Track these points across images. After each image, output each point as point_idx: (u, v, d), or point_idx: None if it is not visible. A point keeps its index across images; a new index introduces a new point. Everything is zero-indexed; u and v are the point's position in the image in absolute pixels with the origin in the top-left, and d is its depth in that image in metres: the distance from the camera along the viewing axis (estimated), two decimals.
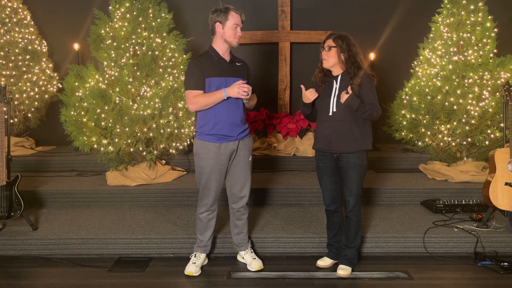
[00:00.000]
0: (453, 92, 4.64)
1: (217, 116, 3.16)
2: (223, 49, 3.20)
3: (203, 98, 3.13)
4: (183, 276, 3.30)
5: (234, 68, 3.23)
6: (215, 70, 3.16)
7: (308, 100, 3.22)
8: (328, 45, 3.18)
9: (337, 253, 3.42)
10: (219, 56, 3.19)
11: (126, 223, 3.96)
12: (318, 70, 3.30)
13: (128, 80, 4.56)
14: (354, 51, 3.15)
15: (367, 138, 3.21)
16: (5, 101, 3.78)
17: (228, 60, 3.22)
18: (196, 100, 3.13)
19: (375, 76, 3.22)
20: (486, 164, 4.76)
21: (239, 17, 3.15)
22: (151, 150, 4.80)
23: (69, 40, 6.07)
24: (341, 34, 3.20)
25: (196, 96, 3.14)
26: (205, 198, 3.30)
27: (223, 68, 3.18)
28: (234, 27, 3.13)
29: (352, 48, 3.15)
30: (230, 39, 3.15)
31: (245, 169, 3.32)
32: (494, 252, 3.57)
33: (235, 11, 3.15)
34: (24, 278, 3.31)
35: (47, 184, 4.67)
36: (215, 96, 3.12)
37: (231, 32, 3.13)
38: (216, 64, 3.18)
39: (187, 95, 3.17)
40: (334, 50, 3.16)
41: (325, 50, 3.19)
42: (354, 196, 3.22)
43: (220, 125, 3.17)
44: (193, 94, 3.15)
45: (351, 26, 5.57)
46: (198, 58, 3.22)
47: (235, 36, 3.15)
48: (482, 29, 4.72)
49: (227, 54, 3.23)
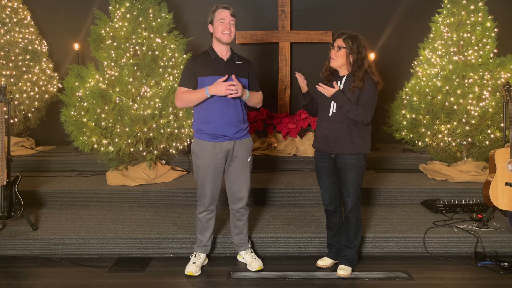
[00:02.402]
0: (453, 92, 4.64)
1: (211, 116, 3.16)
2: (219, 48, 3.20)
3: (187, 94, 3.17)
4: (183, 276, 3.30)
5: (232, 66, 3.21)
6: (210, 69, 3.16)
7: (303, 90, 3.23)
8: (338, 45, 3.12)
9: (337, 253, 3.42)
10: (216, 55, 3.20)
11: (126, 223, 3.96)
12: (325, 68, 3.26)
13: (128, 80, 4.56)
14: (363, 54, 3.10)
15: (365, 142, 3.18)
16: (5, 101, 3.78)
17: (226, 58, 3.21)
18: (182, 96, 3.18)
19: (380, 82, 3.16)
20: (486, 164, 4.76)
21: (226, 12, 3.14)
22: (151, 150, 4.80)
23: (69, 40, 6.07)
24: (352, 35, 3.12)
25: (182, 93, 3.18)
26: (202, 197, 3.30)
27: (218, 66, 3.17)
28: (221, 22, 3.13)
29: (362, 50, 3.09)
30: (218, 35, 3.15)
31: (244, 170, 3.31)
32: (494, 252, 3.57)
33: (222, 7, 3.16)
34: (24, 278, 3.31)
35: (47, 184, 4.67)
36: (197, 94, 3.13)
37: (218, 28, 3.14)
38: (212, 62, 3.18)
39: (176, 91, 3.23)
40: (343, 51, 3.10)
41: (334, 49, 3.14)
42: (353, 196, 3.21)
43: (214, 124, 3.17)
44: (180, 91, 3.19)
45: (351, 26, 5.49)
46: (194, 57, 3.25)
47: (223, 31, 3.12)
48: (482, 29, 4.72)
49: (225, 53, 3.22)
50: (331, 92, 3.09)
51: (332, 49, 3.16)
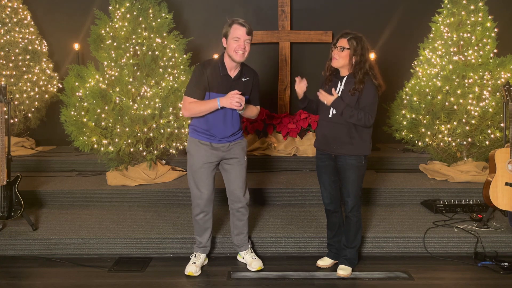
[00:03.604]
0: (453, 92, 4.64)
1: (209, 120, 3.17)
2: (230, 64, 3.12)
3: (197, 105, 3.12)
4: (183, 276, 3.30)
5: (238, 84, 3.16)
6: (217, 86, 3.12)
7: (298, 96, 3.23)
8: (341, 46, 3.07)
9: (337, 253, 3.42)
10: (225, 72, 3.12)
11: (126, 223, 3.96)
12: (327, 67, 3.22)
13: (128, 80, 4.56)
14: (366, 56, 3.06)
15: (365, 143, 3.17)
16: (5, 101, 3.78)
17: (233, 76, 3.15)
18: (191, 107, 3.13)
19: (382, 86, 3.12)
20: (486, 164, 4.76)
21: (243, 29, 3.00)
22: (151, 150, 4.80)
23: (69, 40, 6.07)
24: (356, 36, 3.06)
25: (191, 103, 3.13)
26: (197, 198, 3.28)
27: (225, 84, 3.13)
28: (235, 40, 3.00)
29: (365, 53, 3.06)
30: (231, 53, 3.04)
31: (241, 169, 3.31)
32: (494, 252, 3.57)
33: (239, 23, 3.01)
34: (24, 278, 3.31)
35: (47, 184, 4.67)
36: (209, 105, 3.10)
37: (232, 46, 3.03)
38: (220, 79, 3.12)
39: (184, 100, 3.17)
40: (347, 52, 3.06)
41: (337, 49, 3.09)
42: (353, 196, 3.21)
43: (210, 126, 3.17)
44: (189, 101, 3.14)
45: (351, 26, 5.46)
46: (205, 67, 3.13)
47: (236, 50, 3.01)
48: (482, 29, 4.72)
49: (233, 70, 3.14)
50: (330, 100, 3.08)
51: (334, 48, 3.11)
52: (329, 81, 3.22)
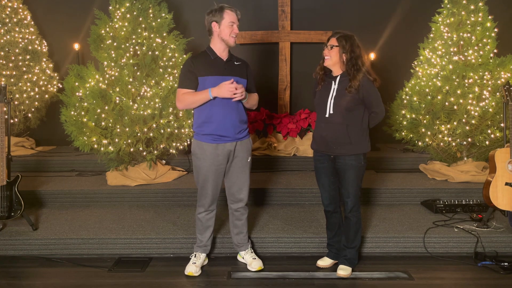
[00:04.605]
0: (453, 92, 4.64)
1: (213, 116, 3.15)
2: (220, 48, 3.18)
3: (190, 96, 3.14)
4: (183, 276, 3.30)
5: (232, 67, 3.21)
6: (211, 69, 3.14)
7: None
8: (331, 44, 3.13)
9: (337, 253, 3.42)
10: (215, 55, 3.18)
11: (126, 223, 3.96)
12: (319, 68, 3.26)
13: (128, 80, 4.56)
14: (357, 53, 3.09)
15: (363, 141, 3.18)
16: (5, 101, 3.78)
17: (225, 59, 3.20)
18: (183, 98, 3.15)
19: (377, 79, 3.16)
20: (486, 164, 4.76)
21: (234, 15, 3.13)
22: (151, 150, 4.80)
23: (69, 40, 6.07)
24: (346, 34, 3.12)
25: (184, 94, 3.15)
26: (203, 198, 3.29)
27: (219, 67, 3.16)
28: (230, 25, 3.12)
29: (355, 50, 3.08)
30: (226, 38, 3.13)
31: (244, 170, 3.31)
32: (494, 252, 3.57)
33: (229, 9, 3.14)
34: (24, 278, 3.31)
35: (47, 184, 4.67)
36: (201, 95, 3.11)
37: (227, 30, 3.11)
38: (212, 63, 3.16)
39: (177, 93, 3.19)
40: (336, 49, 3.11)
41: (327, 48, 3.14)
42: (352, 197, 3.21)
43: (215, 125, 3.15)
44: (181, 92, 3.16)
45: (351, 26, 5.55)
46: (193, 57, 3.23)
47: (232, 34, 3.13)
48: (482, 29, 4.72)
49: (224, 53, 3.21)
50: None
51: (325, 48, 3.17)
52: (322, 81, 3.25)
